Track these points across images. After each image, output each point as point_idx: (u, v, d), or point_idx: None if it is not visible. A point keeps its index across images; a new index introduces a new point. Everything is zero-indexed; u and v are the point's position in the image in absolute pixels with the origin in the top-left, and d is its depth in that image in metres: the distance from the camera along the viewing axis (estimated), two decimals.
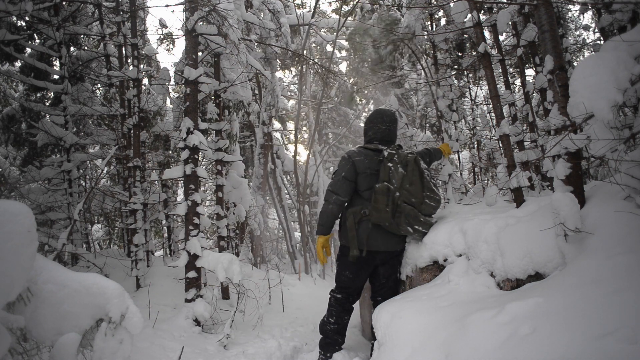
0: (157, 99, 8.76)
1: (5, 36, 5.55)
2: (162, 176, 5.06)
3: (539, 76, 3.62)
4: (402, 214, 3.00)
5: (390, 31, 5.61)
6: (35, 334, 1.65)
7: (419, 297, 2.72)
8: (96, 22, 7.66)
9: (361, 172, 3.15)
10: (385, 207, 2.99)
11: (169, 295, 4.86)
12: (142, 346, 3.20)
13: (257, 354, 3.46)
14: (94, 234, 10.77)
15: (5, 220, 1.43)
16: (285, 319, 4.70)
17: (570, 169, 2.35)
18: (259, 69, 6.25)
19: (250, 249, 8.46)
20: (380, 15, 6.85)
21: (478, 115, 9.90)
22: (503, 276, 2.49)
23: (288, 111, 13.08)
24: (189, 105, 4.26)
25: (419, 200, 3.02)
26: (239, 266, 3.86)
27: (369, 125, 3.37)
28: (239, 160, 6.63)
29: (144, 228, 5.62)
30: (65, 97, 6.32)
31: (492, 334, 1.81)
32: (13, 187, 6.42)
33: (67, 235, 4.69)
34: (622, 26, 5.18)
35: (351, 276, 3.26)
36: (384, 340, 2.56)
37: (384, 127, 3.30)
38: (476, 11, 3.21)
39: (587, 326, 1.55)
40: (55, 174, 6.56)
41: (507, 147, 3.13)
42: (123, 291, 1.86)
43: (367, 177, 3.14)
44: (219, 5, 4.19)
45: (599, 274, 1.84)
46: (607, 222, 2.09)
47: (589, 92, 1.93)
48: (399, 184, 3.01)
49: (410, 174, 3.03)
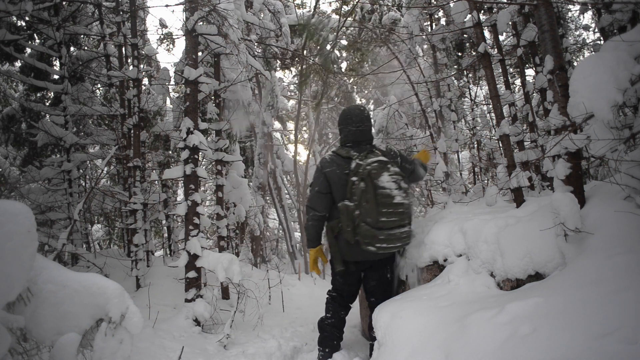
0: (157, 99, 8.76)
1: (5, 36, 5.55)
2: (162, 176, 5.06)
3: (539, 76, 3.62)
4: (359, 234, 2.86)
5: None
6: (35, 334, 1.65)
7: (419, 297, 2.72)
8: (96, 22, 7.65)
9: (334, 183, 3.03)
10: (347, 227, 2.90)
11: (169, 295, 4.86)
12: (142, 346, 3.20)
13: (257, 354, 3.46)
14: (94, 234, 10.77)
15: (5, 220, 1.43)
16: (285, 319, 4.70)
17: (570, 169, 2.35)
18: (259, 69, 6.26)
19: (250, 249, 8.47)
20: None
21: (478, 115, 9.89)
22: (503, 276, 2.49)
23: (288, 111, 13.09)
24: (189, 105, 4.26)
25: (373, 220, 2.82)
26: (239, 266, 3.86)
27: (340, 127, 3.22)
28: (239, 160, 6.63)
29: (144, 228, 5.62)
30: (65, 97, 6.32)
31: (492, 334, 1.81)
32: (13, 187, 6.42)
33: (67, 235, 4.69)
34: (622, 26, 5.18)
35: (342, 281, 3.30)
36: (384, 340, 2.56)
37: (353, 128, 3.12)
38: (476, 11, 3.21)
39: (587, 326, 1.55)
40: (55, 174, 6.56)
41: (507, 147, 3.13)
42: (123, 291, 1.86)
43: (341, 189, 3.00)
44: (219, 5, 4.19)
45: (599, 274, 1.84)
46: (607, 222, 2.09)
47: (589, 92, 1.93)
48: (358, 200, 2.85)
49: (367, 189, 2.84)
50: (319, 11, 8.50)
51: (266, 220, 9.72)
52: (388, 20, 8.41)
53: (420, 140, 5.78)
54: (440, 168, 4.04)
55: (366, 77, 9.61)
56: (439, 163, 4.05)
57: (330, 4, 17.59)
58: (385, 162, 2.92)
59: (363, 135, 3.14)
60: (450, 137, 5.07)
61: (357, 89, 11.97)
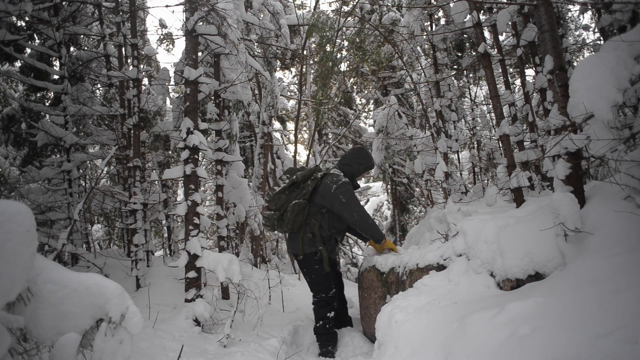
0: (157, 99, 8.76)
1: (5, 36, 5.54)
2: (162, 176, 5.06)
3: (539, 76, 3.62)
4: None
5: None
6: (35, 334, 1.65)
7: (418, 297, 2.72)
8: (96, 22, 7.66)
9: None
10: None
11: (169, 295, 4.86)
12: (142, 346, 3.20)
13: (257, 353, 3.45)
14: (94, 234, 10.77)
15: (4, 220, 1.43)
16: (285, 319, 4.70)
17: (570, 169, 2.35)
18: (259, 69, 6.25)
19: (250, 249, 8.46)
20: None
21: (478, 115, 9.89)
22: (503, 276, 2.49)
23: (288, 111, 13.09)
24: (189, 105, 4.26)
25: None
26: (239, 266, 3.86)
27: (357, 162, 3.85)
28: (239, 160, 6.63)
29: (144, 228, 5.62)
30: (65, 97, 6.32)
31: (492, 334, 1.81)
32: (13, 187, 6.41)
33: (67, 235, 4.69)
34: (622, 26, 5.19)
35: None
36: (384, 340, 2.56)
37: (362, 168, 3.88)
38: (476, 11, 3.21)
39: (587, 326, 1.55)
40: (55, 174, 6.55)
41: (507, 147, 3.14)
42: (123, 291, 1.86)
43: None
44: (217, 5, 4.19)
45: (598, 274, 1.84)
46: (607, 222, 2.09)
47: (589, 92, 1.93)
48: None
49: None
50: (319, 11, 8.50)
51: None
52: (388, 20, 8.42)
53: (421, 140, 5.77)
54: (440, 168, 4.04)
55: (368, 77, 9.61)
56: (439, 163, 4.05)
57: (330, 4, 17.60)
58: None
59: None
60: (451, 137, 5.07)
61: (357, 88, 11.97)
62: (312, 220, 3.57)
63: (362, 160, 3.81)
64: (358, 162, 3.79)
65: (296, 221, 3.55)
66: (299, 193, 3.60)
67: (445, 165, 4.16)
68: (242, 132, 11.38)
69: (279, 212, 3.67)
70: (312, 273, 3.67)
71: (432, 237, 3.79)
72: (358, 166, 3.78)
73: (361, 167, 3.80)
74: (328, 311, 3.65)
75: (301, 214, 3.54)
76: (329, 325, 3.64)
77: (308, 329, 4.31)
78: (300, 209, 3.53)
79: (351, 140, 12.69)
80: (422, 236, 4.20)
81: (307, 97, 10.34)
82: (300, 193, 3.59)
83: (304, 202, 3.54)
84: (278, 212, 3.68)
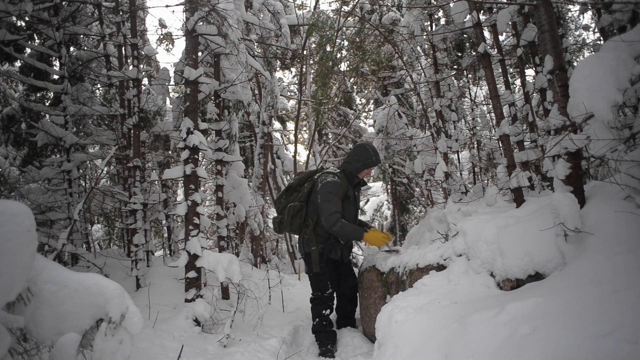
0: (157, 99, 8.76)
1: (5, 36, 5.54)
2: (162, 176, 5.06)
3: (539, 76, 3.62)
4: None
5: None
6: (35, 334, 1.64)
7: (418, 297, 2.72)
8: (96, 22, 7.65)
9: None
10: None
11: (169, 295, 4.86)
12: (142, 346, 3.20)
13: (257, 353, 3.45)
14: (94, 234, 10.77)
15: (4, 220, 1.43)
16: (285, 319, 4.70)
17: (570, 169, 2.35)
18: (259, 69, 6.25)
19: (250, 249, 8.46)
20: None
21: (478, 115, 9.90)
22: (503, 276, 2.49)
23: (288, 111, 13.09)
24: (189, 105, 4.26)
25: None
26: (239, 266, 3.86)
27: (359, 159, 3.80)
28: (239, 160, 6.63)
29: (144, 228, 5.62)
30: (65, 97, 6.32)
31: (492, 334, 1.81)
32: (13, 187, 6.41)
33: (67, 235, 4.69)
34: (622, 26, 5.19)
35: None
36: (384, 340, 2.56)
37: (360, 165, 3.84)
38: (476, 11, 3.21)
39: (587, 326, 1.55)
40: (55, 174, 6.55)
41: (507, 147, 3.14)
42: (123, 291, 1.85)
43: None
44: (218, 5, 4.19)
45: (598, 274, 1.84)
46: (607, 222, 2.09)
47: (589, 92, 1.93)
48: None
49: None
50: (319, 11, 8.50)
51: (266, 220, 9.71)
52: (388, 20, 8.42)
53: (421, 140, 5.78)
54: (440, 168, 4.04)
55: (368, 77, 9.61)
56: (439, 163, 4.05)
57: (330, 4, 17.61)
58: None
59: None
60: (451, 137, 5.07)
61: (357, 88, 11.97)
62: (309, 221, 3.66)
63: (360, 158, 3.72)
64: (356, 159, 3.74)
65: (294, 223, 3.69)
66: (295, 196, 3.74)
67: (445, 165, 4.16)
68: (242, 132, 11.38)
69: (281, 216, 3.84)
70: (310, 272, 3.78)
71: (432, 237, 3.79)
72: (356, 164, 3.73)
73: (359, 164, 3.72)
74: (324, 309, 3.69)
75: (298, 216, 3.67)
76: (326, 323, 3.67)
77: (308, 329, 4.31)
78: (295, 212, 3.67)
79: (351, 140, 12.70)
80: (422, 236, 4.20)
81: (307, 97, 10.34)
82: (297, 196, 3.73)
83: (299, 204, 3.67)
84: (280, 216, 3.85)
